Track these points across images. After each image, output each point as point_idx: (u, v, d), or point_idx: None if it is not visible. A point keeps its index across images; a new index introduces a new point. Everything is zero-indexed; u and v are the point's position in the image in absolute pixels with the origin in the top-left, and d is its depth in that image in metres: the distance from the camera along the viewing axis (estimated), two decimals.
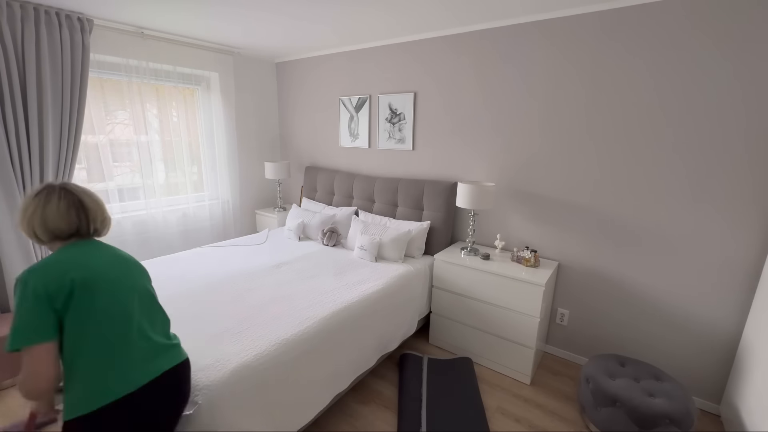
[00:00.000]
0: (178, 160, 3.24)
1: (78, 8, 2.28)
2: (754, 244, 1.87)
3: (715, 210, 1.95)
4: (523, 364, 2.29)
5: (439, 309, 2.60)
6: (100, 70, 2.65)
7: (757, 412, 1.64)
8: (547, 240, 2.50)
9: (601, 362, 2.01)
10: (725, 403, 1.99)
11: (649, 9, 1.95)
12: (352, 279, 2.31)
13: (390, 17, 2.36)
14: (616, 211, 2.23)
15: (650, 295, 2.20)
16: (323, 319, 1.83)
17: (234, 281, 2.22)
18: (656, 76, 1.99)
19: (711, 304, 2.03)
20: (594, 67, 2.15)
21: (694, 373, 2.13)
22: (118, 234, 2.93)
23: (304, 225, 3.14)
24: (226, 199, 3.63)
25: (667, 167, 2.04)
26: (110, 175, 2.85)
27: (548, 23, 2.25)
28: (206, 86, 3.37)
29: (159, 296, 1.98)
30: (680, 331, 2.14)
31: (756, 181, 1.83)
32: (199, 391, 1.34)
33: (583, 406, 1.97)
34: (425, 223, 2.73)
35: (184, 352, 1.27)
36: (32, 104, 2.20)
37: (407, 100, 2.93)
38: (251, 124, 3.80)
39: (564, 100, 2.28)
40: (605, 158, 2.21)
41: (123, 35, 2.68)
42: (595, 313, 2.41)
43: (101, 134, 2.76)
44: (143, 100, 2.92)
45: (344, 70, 3.31)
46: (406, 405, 2.03)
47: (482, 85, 2.57)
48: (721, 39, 1.80)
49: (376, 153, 3.25)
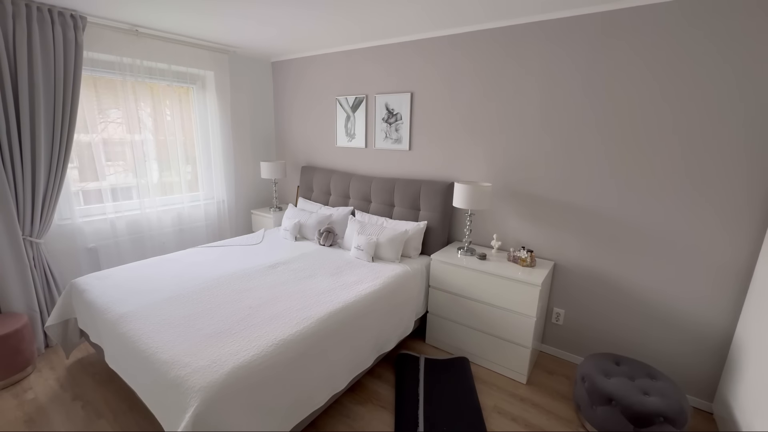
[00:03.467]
0: (172, 159, 3.21)
1: (71, 5, 2.24)
2: (746, 244, 1.90)
3: (708, 211, 1.97)
4: (519, 364, 2.30)
5: (435, 309, 2.61)
6: (94, 68, 2.62)
7: (748, 410, 1.66)
8: (544, 240, 2.52)
9: (597, 361, 2.02)
10: (718, 401, 2.02)
11: (646, 11, 1.96)
12: (348, 279, 2.30)
13: (388, 17, 2.36)
14: (612, 211, 2.24)
15: (645, 294, 2.22)
16: (320, 320, 1.82)
17: (230, 282, 2.20)
18: (653, 78, 2.01)
19: (704, 303, 2.05)
20: (589, 68, 2.17)
21: (688, 371, 2.15)
22: (112, 234, 2.90)
23: (300, 225, 3.12)
24: (222, 199, 3.60)
25: (662, 168, 2.06)
26: (103, 174, 2.81)
27: (547, 24, 2.26)
28: (201, 85, 3.35)
29: (154, 298, 1.97)
30: (674, 330, 2.16)
31: (749, 184, 1.85)
32: (195, 392, 1.33)
33: (579, 405, 1.99)
34: (422, 223, 2.73)
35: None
36: (24, 102, 2.17)
37: (404, 100, 2.93)
38: (247, 123, 3.78)
39: (561, 101, 2.29)
40: (601, 159, 2.22)
41: (117, 33, 2.65)
42: (590, 313, 2.43)
43: (94, 133, 2.72)
44: (137, 99, 2.89)
45: (341, 70, 3.30)
46: (403, 405, 2.03)
47: (480, 86, 2.57)
48: (720, 42, 1.82)
49: (373, 153, 3.24)
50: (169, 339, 1.62)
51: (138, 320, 1.77)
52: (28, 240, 2.36)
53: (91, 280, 2.17)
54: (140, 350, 1.59)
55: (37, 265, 2.44)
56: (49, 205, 2.40)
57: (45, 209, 2.39)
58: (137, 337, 1.65)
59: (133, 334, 1.68)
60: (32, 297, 2.39)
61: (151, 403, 1.56)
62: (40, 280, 2.45)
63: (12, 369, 2.16)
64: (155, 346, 1.58)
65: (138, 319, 1.78)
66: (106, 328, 1.84)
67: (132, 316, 1.80)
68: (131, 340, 1.66)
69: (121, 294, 2.02)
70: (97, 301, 1.97)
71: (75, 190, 2.72)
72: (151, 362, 1.53)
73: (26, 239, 2.35)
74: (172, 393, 1.40)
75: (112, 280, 2.18)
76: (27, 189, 2.29)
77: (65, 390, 2.15)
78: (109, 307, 1.89)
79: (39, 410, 2.00)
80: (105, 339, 1.88)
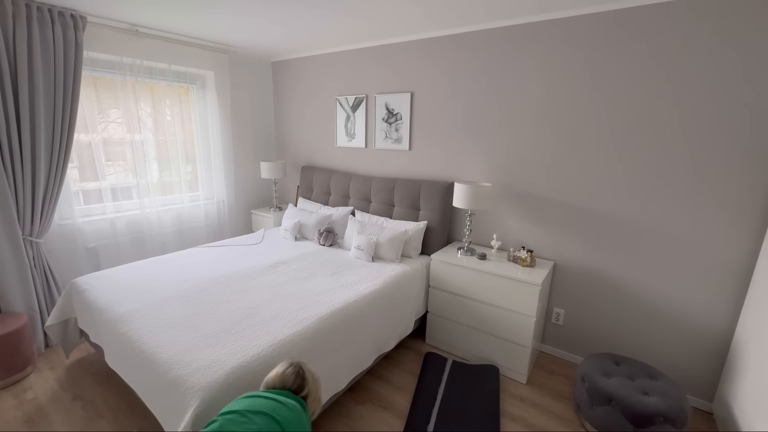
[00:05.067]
0: (172, 159, 3.21)
1: (71, 5, 2.24)
2: (746, 243, 1.90)
3: (708, 211, 1.97)
4: (519, 364, 2.30)
5: (435, 309, 2.61)
6: (94, 68, 2.62)
7: (748, 410, 1.66)
8: (544, 240, 2.52)
9: (596, 361, 2.02)
10: (718, 401, 2.02)
11: (647, 10, 1.96)
12: (348, 279, 2.30)
13: (389, 17, 2.36)
14: (611, 211, 2.24)
15: (644, 294, 2.22)
16: (320, 320, 1.82)
17: (230, 282, 2.20)
18: (654, 78, 2.00)
19: (704, 303, 2.05)
20: (590, 68, 2.17)
21: (688, 371, 2.15)
22: (112, 234, 2.90)
23: (300, 225, 3.12)
24: (222, 199, 3.60)
25: (662, 168, 2.06)
26: (103, 174, 2.81)
27: (546, 24, 2.26)
28: (201, 85, 3.35)
29: (154, 298, 1.97)
30: (674, 329, 2.16)
31: (748, 183, 1.85)
32: (195, 392, 1.33)
33: (579, 405, 1.99)
34: (422, 223, 2.73)
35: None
36: (24, 102, 2.17)
37: (404, 100, 2.93)
38: (247, 123, 3.78)
39: (562, 101, 2.29)
40: (601, 159, 2.22)
41: (117, 33, 2.65)
42: (590, 313, 2.43)
43: (94, 133, 2.72)
44: (137, 99, 2.88)
45: (341, 70, 3.30)
46: (419, 402, 2.04)
47: (480, 86, 2.57)
48: (722, 40, 1.82)
49: (373, 153, 3.24)
50: (169, 339, 1.62)
51: (138, 320, 1.77)
52: (28, 240, 2.36)
53: (91, 280, 2.17)
54: (140, 350, 1.59)
55: (37, 265, 2.44)
56: (49, 205, 2.40)
57: (45, 209, 2.39)
58: (137, 337, 1.66)
59: (133, 334, 1.68)
60: (32, 297, 2.39)
61: (151, 403, 1.56)
62: (40, 280, 2.45)
63: (12, 369, 2.16)
64: (155, 345, 1.58)
65: (138, 318, 1.78)
66: (106, 328, 1.84)
67: (132, 315, 1.80)
68: (131, 340, 1.66)
69: (121, 294, 2.02)
70: (97, 301, 1.97)
71: (75, 189, 2.72)
72: (151, 362, 1.53)
73: (26, 239, 2.35)
74: (172, 393, 1.40)
75: (112, 280, 2.18)
76: (27, 189, 2.29)
77: (65, 390, 2.15)
78: (109, 307, 1.89)
79: (39, 410, 1.99)
80: (105, 339, 1.88)
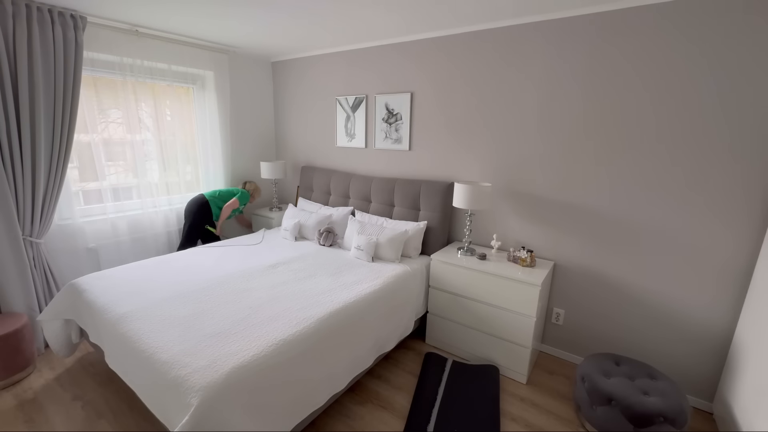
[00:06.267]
0: (172, 159, 3.21)
1: (71, 5, 2.24)
2: (746, 243, 1.90)
3: (708, 211, 1.97)
4: (519, 364, 2.30)
5: (435, 309, 2.61)
6: (94, 68, 2.62)
7: (749, 410, 1.66)
8: (543, 240, 2.52)
9: (596, 361, 2.02)
10: (718, 401, 2.02)
11: (644, 11, 1.96)
12: (348, 279, 2.30)
13: (388, 17, 2.36)
14: (611, 211, 2.24)
15: (644, 294, 2.22)
16: (320, 320, 1.82)
17: (230, 282, 2.20)
18: (652, 78, 2.00)
19: (704, 303, 2.05)
20: (590, 67, 2.17)
21: (688, 371, 2.15)
22: (112, 234, 2.90)
23: (300, 225, 3.12)
24: None
25: (661, 168, 2.06)
26: (103, 174, 2.81)
27: (545, 24, 2.26)
28: (201, 85, 3.35)
29: (154, 298, 1.97)
30: (674, 329, 2.16)
31: (748, 183, 1.85)
32: (195, 392, 1.33)
33: (579, 405, 1.99)
34: (422, 224, 2.73)
35: None
36: (24, 103, 2.17)
37: (404, 101, 2.93)
38: (247, 123, 3.78)
39: (561, 101, 2.29)
40: (601, 159, 2.22)
41: (117, 33, 2.65)
42: (590, 313, 2.43)
43: (94, 133, 2.72)
44: (137, 99, 2.89)
45: (341, 70, 3.30)
46: (419, 402, 2.04)
47: (479, 86, 2.57)
48: (717, 41, 1.82)
49: (373, 153, 3.24)
50: (169, 339, 1.62)
51: (138, 320, 1.77)
52: (28, 240, 2.36)
53: (92, 280, 2.17)
54: (140, 350, 1.59)
55: (37, 265, 2.44)
56: (49, 205, 2.40)
57: (45, 209, 2.40)
58: (137, 337, 1.65)
59: (133, 334, 1.68)
60: (32, 297, 2.39)
61: (151, 403, 1.56)
62: (40, 280, 2.45)
63: (12, 369, 2.16)
64: (155, 346, 1.58)
65: (138, 319, 1.78)
66: (106, 328, 1.84)
67: (132, 316, 1.80)
68: (131, 340, 1.66)
69: (121, 294, 2.01)
70: (97, 301, 1.97)
71: (75, 190, 2.72)
72: (151, 362, 1.53)
73: (26, 239, 2.35)
74: (172, 393, 1.40)
75: (113, 280, 2.18)
76: (27, 189, 2.29)
77: (65, 390, 2.15)
78: (109, 307, 1.89)
79: (39, 410, 2.00)
80: (105, 339, 1.88)
